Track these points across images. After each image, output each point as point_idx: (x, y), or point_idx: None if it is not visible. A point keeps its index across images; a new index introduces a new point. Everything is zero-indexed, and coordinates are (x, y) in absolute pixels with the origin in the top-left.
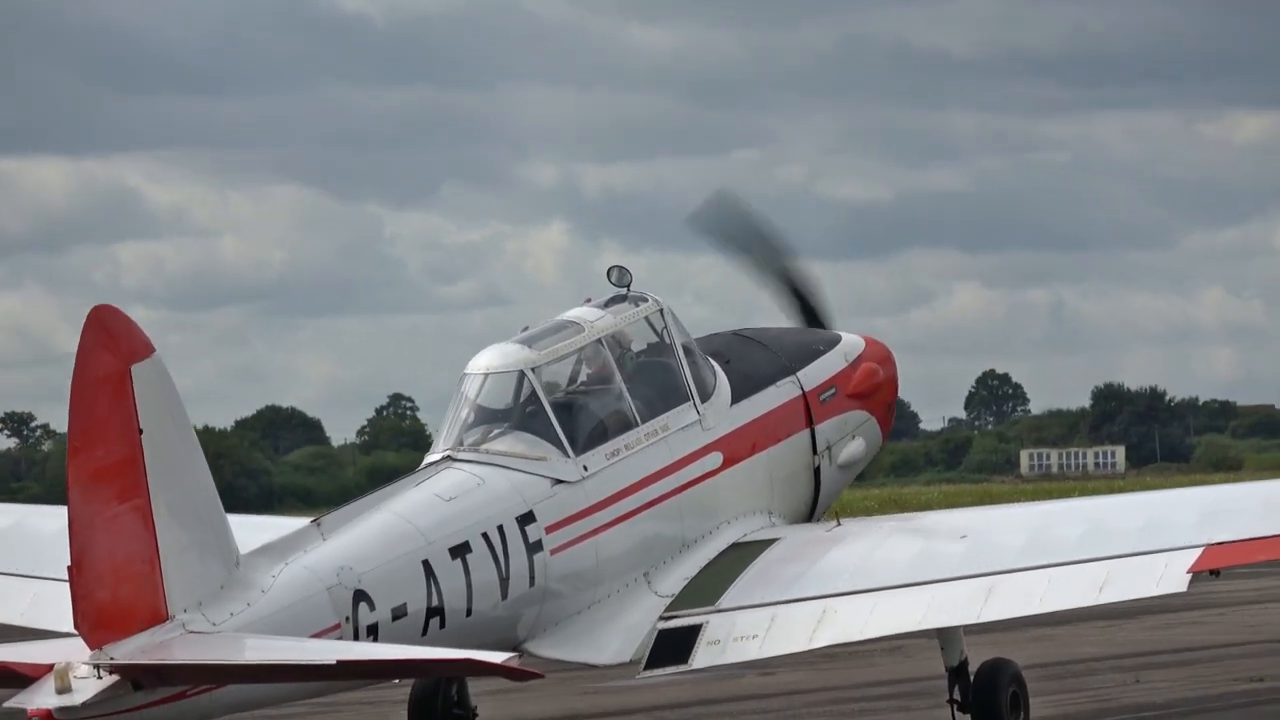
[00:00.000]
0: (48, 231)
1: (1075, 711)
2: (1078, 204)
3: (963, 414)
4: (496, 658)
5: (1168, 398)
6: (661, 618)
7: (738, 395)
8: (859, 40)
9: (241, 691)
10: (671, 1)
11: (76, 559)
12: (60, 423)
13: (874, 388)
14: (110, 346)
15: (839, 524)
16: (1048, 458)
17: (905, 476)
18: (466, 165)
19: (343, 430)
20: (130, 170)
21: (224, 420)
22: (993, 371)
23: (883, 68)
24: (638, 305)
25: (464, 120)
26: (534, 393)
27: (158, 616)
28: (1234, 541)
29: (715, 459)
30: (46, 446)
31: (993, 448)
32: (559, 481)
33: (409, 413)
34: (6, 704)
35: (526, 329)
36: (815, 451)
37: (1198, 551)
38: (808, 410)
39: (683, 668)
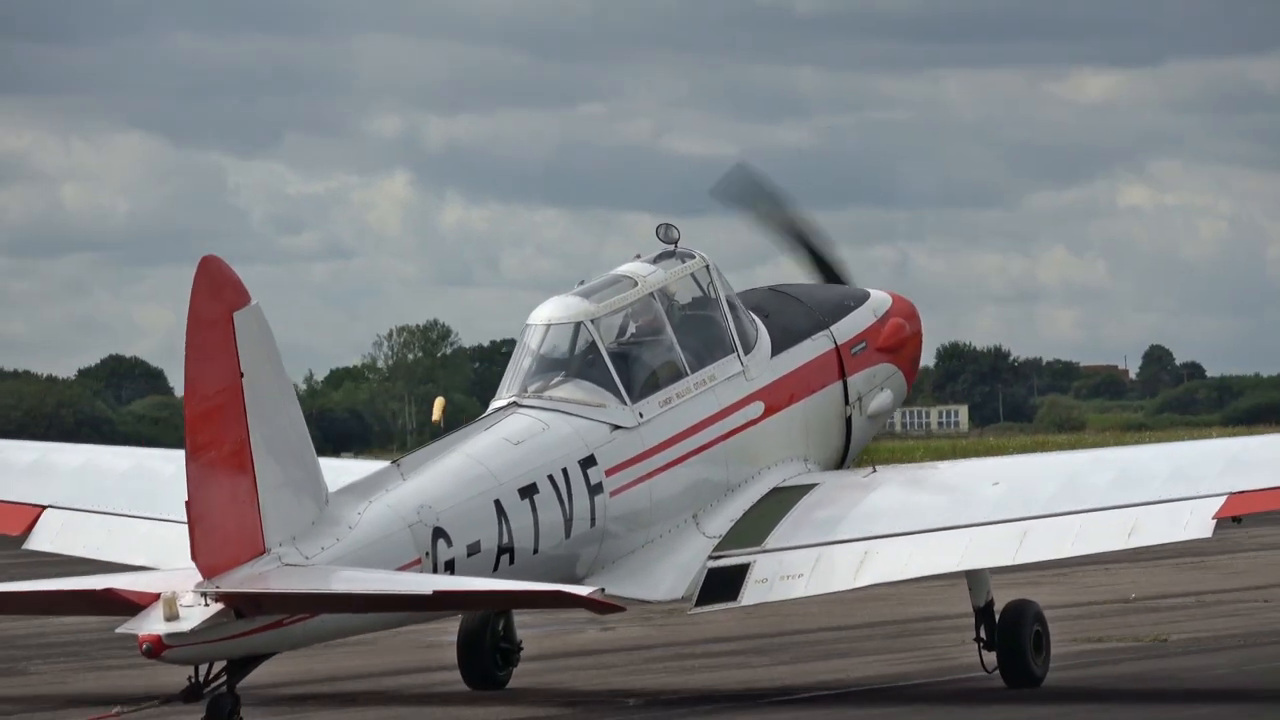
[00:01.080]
0: None
1: (913, 670)
2: (922, 162)
3: None
4: (583, 591)
5: (1011, 358)
6: (711, 557)
7: (777, 348)
8: None
9: (333, 621)
10: None
11: (190, 494)
12: None
13: (901, 342)
14: (215, 295)
15: (874, 471)
16: (890, 416)
17: None
18: (310, 116)
19: None
20: None
21: (67, 370)
22: None
23: (728, 23)
24: (684, 261)
25: (308, 71)
26: (592, 342)
27: (257, 550)
28: (1256, 490)
29: (757, 408)
30: None
31: None
32: (617, 427)
33: None
34: (118, 630)
35: (583, 283)
36: (847, 402)
37: (1221, 499)
38: (840, 363)
39: (732, 604)
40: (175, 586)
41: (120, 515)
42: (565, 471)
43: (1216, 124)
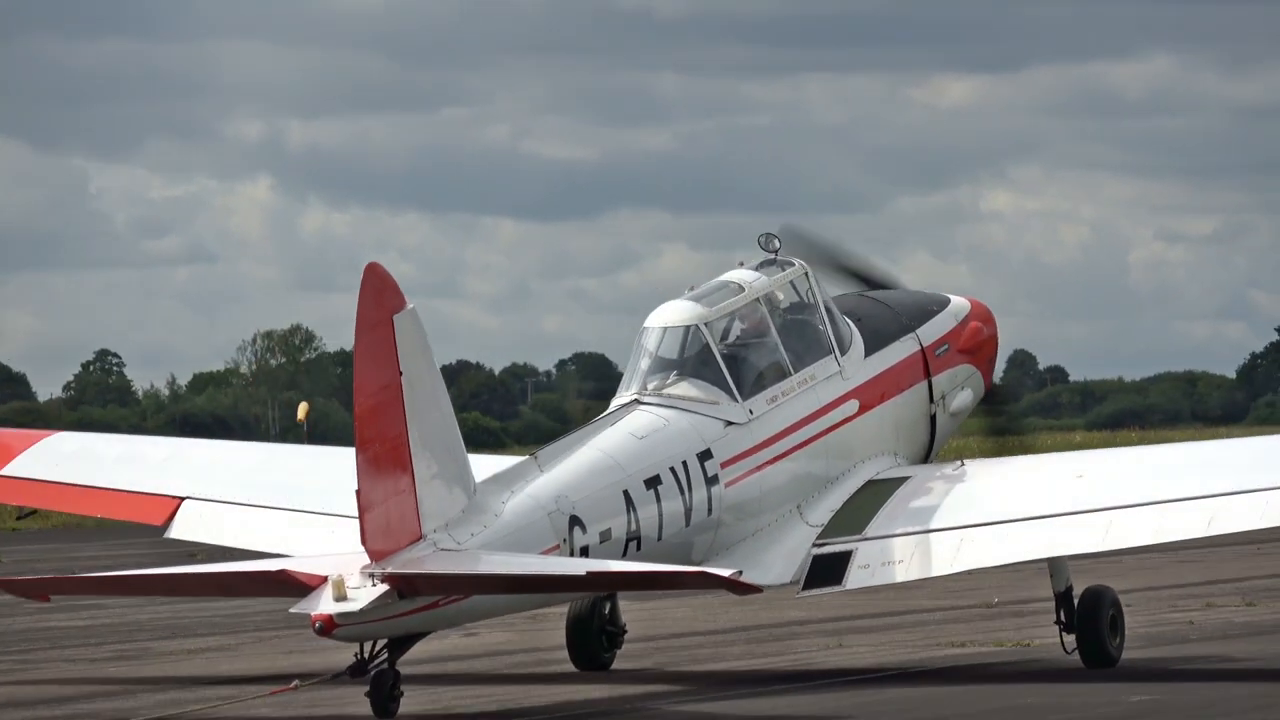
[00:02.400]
0: None
1: (777, 675)
2: (784, 167)
3: None
4: (724, 572)
5: None
6: (815, 544)
7: (869, 350)
8: (564, 0)
9: (483, 602)
10: None
11: (359, 484)
12: None
13: (979, 344)
14: (378, 299)
15: (963, 464)
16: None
17: None
18: (172, 119)
19: (49, 385)
20: None
21: None
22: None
23: (588, 28)
24: (784, 269)
25: (170, 74)
26: (706, 344)
27: (414, 536)
28: None
29: (853, 406)
30: None
31: None
32: (730, 423)
33: (115, 368)
34: (291, 610)
35: (693, 288)
36: (932, 400)
37: None
38: (925, 364)
39: (837, 588)
40: (342, 570)
41: (254, 506)
42: (685, 464)
43: (1078, 129)
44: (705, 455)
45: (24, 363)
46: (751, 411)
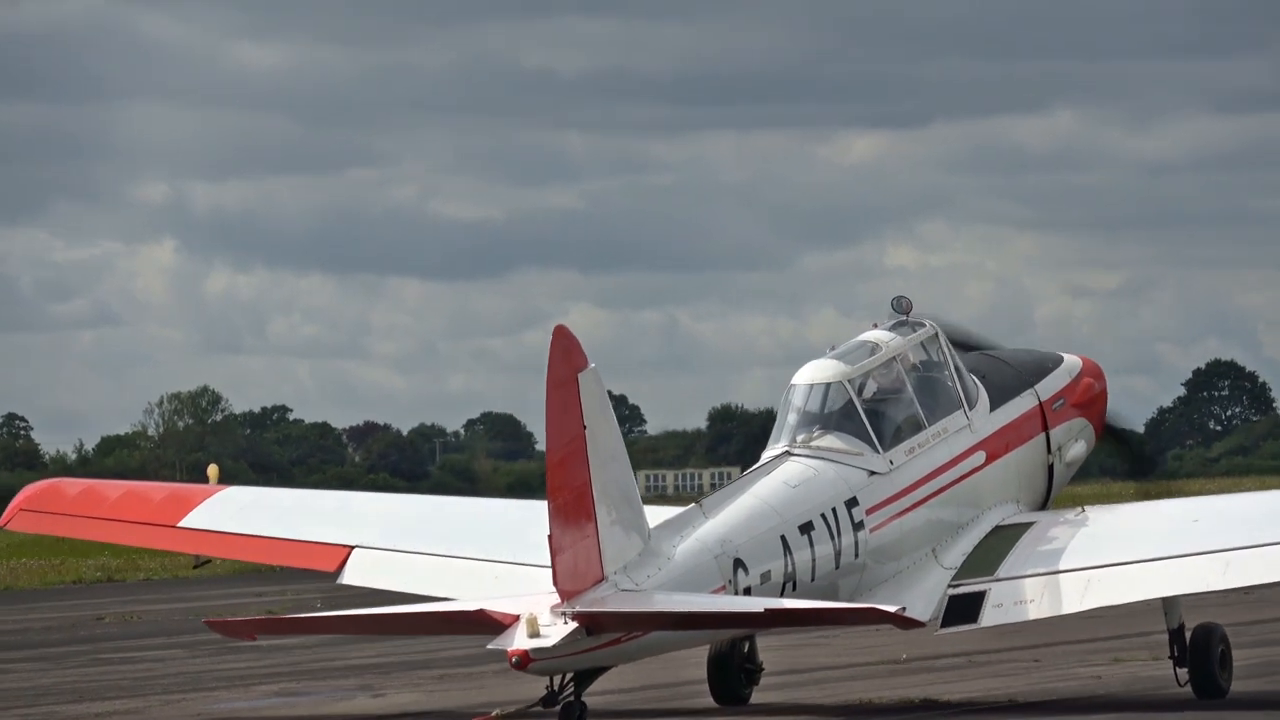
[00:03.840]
0: None
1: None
2: (690, 225)
3: None
4: (891, 608)
5: None
6: (950, 585)
7: (993, 404)
8: (469, 60)
9: (661, 638)
10: (281, 20)
11: (551, 529)
12: None
13: (1092, 399)
14: (566, 358)
15: (1083, 511)
16: (664, 479)
17: (524, 498)
18: (76, 183)
19: None
20: None
21: None
22: (609, 392)
23: (492, 88)
24: (915, 330)
25: (73, 138)
26: (849, 400)
27: (597, 577)
28: None
29: (980, 457)
30: None
31: None
32: (873, 473)
33: (22, 432)
34: (488, 646)
35: (833, 348)
36: (1049, 451)
37: None
38: (1044, 417)
39: (973, 626)
40: (535, 609)
41: (421, 554)
42: (834, 511)
43: (983, 184)
44: (852, 503)
45: None
46: (892, 462)
